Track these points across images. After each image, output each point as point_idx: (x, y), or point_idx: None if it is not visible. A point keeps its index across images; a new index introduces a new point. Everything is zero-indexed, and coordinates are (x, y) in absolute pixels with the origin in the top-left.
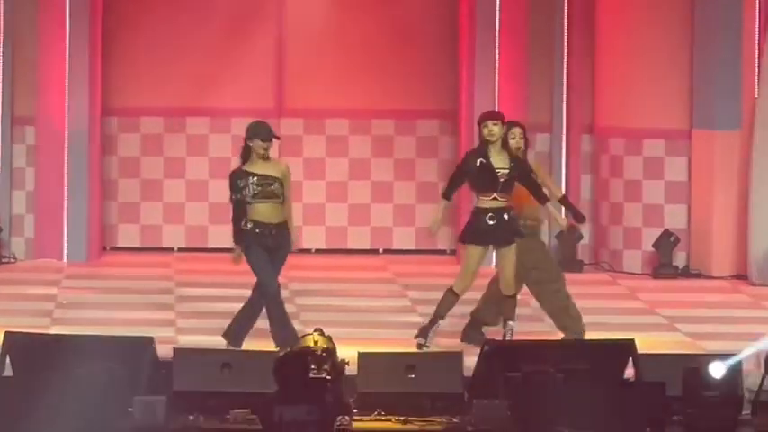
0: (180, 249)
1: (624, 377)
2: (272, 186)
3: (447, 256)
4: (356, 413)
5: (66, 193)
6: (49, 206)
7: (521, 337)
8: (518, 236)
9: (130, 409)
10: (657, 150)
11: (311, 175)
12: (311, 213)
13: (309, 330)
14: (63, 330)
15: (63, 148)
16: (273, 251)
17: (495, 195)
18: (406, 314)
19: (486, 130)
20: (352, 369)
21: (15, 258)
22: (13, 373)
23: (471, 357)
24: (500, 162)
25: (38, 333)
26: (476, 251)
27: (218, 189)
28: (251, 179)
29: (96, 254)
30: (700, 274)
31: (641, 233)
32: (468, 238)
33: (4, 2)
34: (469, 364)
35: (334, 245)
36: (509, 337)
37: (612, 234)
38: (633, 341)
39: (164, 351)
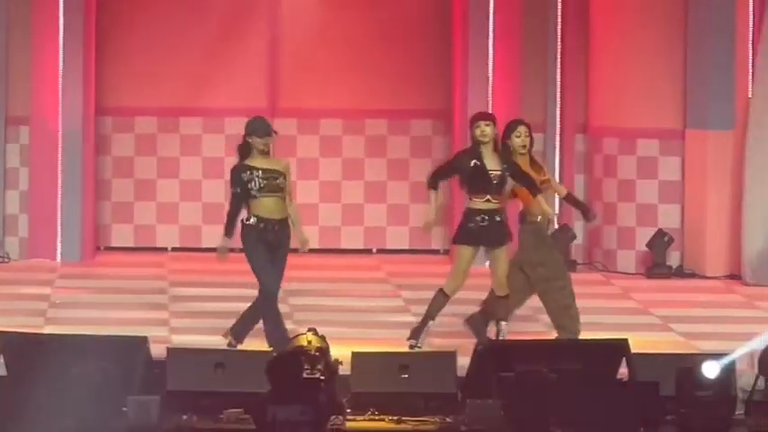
0: (173, 249)
1: (618, 377)
2: (277, 180)
3: (440, 255)
4: (350, 413)
5: (60, 193)
6: (42, 206)
7: (514, 337)
8: (510, 237)
9: (124, 409)
10: (651, 150)
11: (305, 175)
12: (305, 213)
13: (303, 330)
14: (57, 330)
15: (57, 148)
16: (275, 247)
17: (489, 197)
18: (400, 314)
19: (479, 131)
20: (345, 369)
21: (9, 258)
22: (6, 373)
23: (465, 357)
24: (493, 163)
25: (31, 333)
26: (467, 252)
27: (211, 189)
28: (256, 173)
29: (90, 254)
30: (693, 274)
31: (635, 233)
32: (460, 238)
33: None
34: (463, 364)
35: (327, 245)
36: (502, 337)
37: (606, 234)
38: (627, 341)
39: (157, 351)
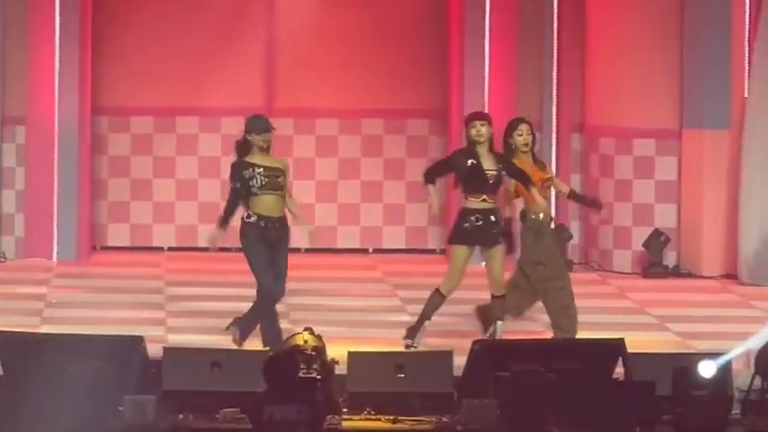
0: (170, 249)
1: (614, 376)
2: (278, 179)
3: (437, 255)
4: (346, 412)
5: (56, 193)
6: (38, 205)
7: (510, 337)
8: (504, 237)
9: (120, 408)
10: (647, 150)
11: (301, 174)
12: (301, 212)
13: (299, 329)
14: (53, 329)
15: (53, 148)
16: (276, 244)
17: (485, 197)
18: (396, 313)
19: (474, 131)
20: (341, 368)
21: (5, 257)
22: (2, 373)
23: (461, 357)
24: (489, 163)
25: (28, 332)
26: (462, 252)
27: (207, 188)
28: (257, 170)
29: (86, 253)
30: (690, 274)
31: (631, 232)
32: (455, 238)
33: None
34: (459, 364)
35: (323, 244)
36: (498, 337)
37: (602, 233)
38: (623, 340)
39: (154, 350)
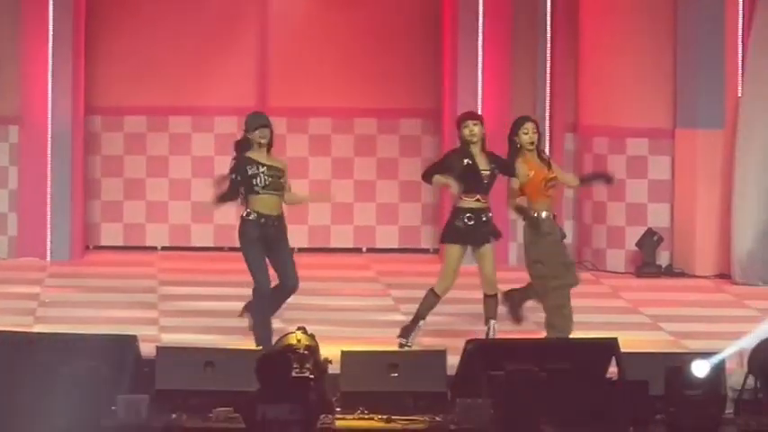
0: (163, 248)
1: (607, 376)
2: (281, 179)
3: (430, 254)
4: (339, 412)
5: (50, 192)
6: (32, 205)
7: (504, 336)
8: (495, 236)
9: (114, 408)
10: (641, 149)
11: (294, 173)
12: (294, 212)
13: (292, 329)
14: (46, 329)
15: (46, 147)
16: (275, 242)
17: (479, 197)
18: (390, 313)
19: (467, 131)
20: (335, 368)
21: None
22: None
23: (454, 356)
24: (483, 163)
25: (21, 331)
26: (455, 251)
27: (200, 188)
28: (261, 168)
29: (79, 252)
30: (683, 273)
31: (624, 232)
32: (448, 237)
33: None
34: (453, 363)
35: (317, 244)
36: (492, 336)
37: (595, 233)
38: (616, 340)
39: (147, 350)
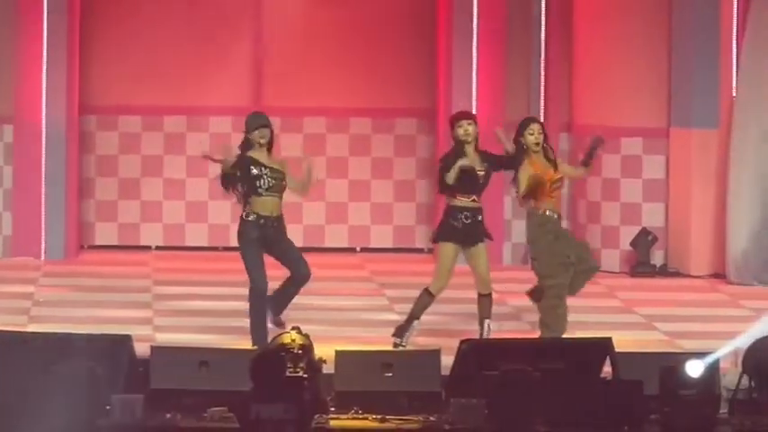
0: (157, 247)
1: (601, 376)
2: (283, 182)
3: (424, 254)
4: (333, 411)
5: (44, 192)
6: (26, 204)
7: (498, 336)
8: (489, 237)
9: (108, 408)
10: (635, 149)
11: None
12: (288, 211)
13: (286, 328)
14: (40, 328)
15: (40, 147)
16: (275, 242)
17: (474, 197)
18: (384, 312)
19: (462, 130)
20: (329, 367)
21: None
22: None
23: (449, 356)
24: (477, 163)
25: (15, 331)
26: (449, 250)
27: (195, 187)
28: (265, 170)
29: (74, 252)
30: (677, 273)
31: (619, 232)
32: (442, 236)
33: None
34: (447, 363)
35: (311, 243)
36: (486, 336)
37: (590, 232)
38: (610, 339)
39: (141, 349)
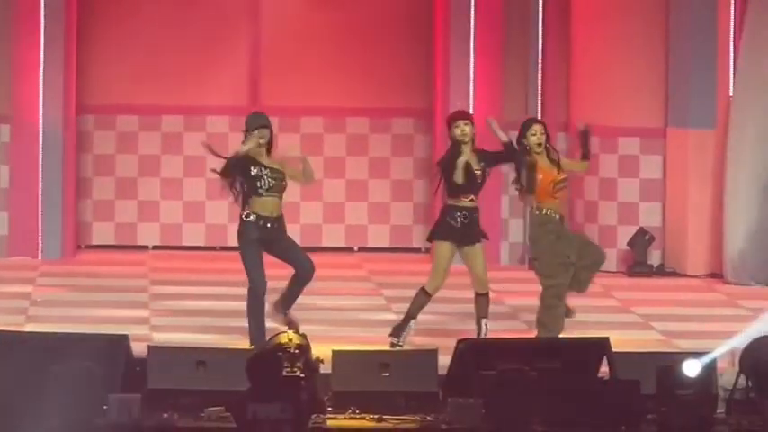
0: (155, 247)
1: (599, 375)
2: (283, 182)
3: (422, 254)
4: (330, 411)
5: (41, 191)
6: (23, 204)
7: (495, 335)
8: (485, 237)
9: (105, 407)
10: (632, 148)
11: None
12: (286, 211)
13: (284, 328)
14: (37, 328)
15: (37, 146)
16: (275, 242)
17: (472, 196)
18: (381, 312)
19: (459, 131)
20: (326, 367)
21: None
22: None
23: (446, 356)
24: (474, 162)
25: (12, 331)
26: (445, 249)
27: (192, 187)
28: (265, 171)
29: (71, 252)
30: (674, 273)
31: (616, 231)
32: (438, 235)
33: None
34: (444, 363)
35: (308, 242)
36: (483, 335)
37: (587, 232)
38: (608, 339)
39: (138, 349)
